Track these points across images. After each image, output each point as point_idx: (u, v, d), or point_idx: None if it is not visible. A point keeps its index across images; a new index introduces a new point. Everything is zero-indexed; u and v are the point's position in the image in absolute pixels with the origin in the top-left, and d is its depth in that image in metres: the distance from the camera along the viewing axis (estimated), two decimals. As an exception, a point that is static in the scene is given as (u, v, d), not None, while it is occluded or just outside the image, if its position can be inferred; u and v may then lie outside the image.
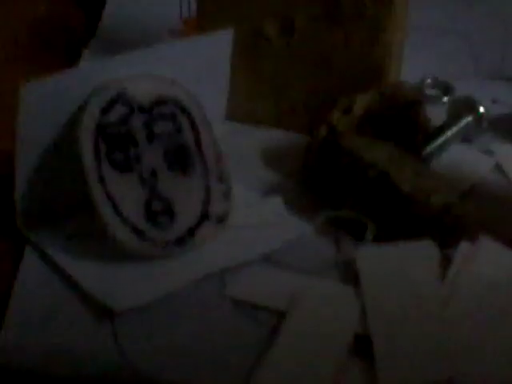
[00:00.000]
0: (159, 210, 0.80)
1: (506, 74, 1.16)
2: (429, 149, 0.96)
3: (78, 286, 0.77)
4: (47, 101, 0.81)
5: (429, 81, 1.12)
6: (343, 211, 0.85)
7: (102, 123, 0.80)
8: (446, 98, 1.10)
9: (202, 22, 1.01)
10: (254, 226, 0.85)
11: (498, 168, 0.97)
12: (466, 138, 1.01)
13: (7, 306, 0.75)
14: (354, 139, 0.90)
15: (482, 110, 1.01)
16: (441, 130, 0.98)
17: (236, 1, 0.98)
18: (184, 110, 0.84)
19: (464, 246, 0.81)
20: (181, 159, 0.83)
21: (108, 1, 1.30)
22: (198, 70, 0.89)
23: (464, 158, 0.98)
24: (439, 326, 0.75)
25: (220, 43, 0.92)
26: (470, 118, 1.00)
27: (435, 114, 1.01)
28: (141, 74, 0.84)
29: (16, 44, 1.19)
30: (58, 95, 0.82)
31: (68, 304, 0.76)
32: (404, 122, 0.96)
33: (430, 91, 1.11)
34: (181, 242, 0.80)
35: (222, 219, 0.83)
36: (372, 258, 0.81)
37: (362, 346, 0.73)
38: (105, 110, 0.81)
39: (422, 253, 0.81)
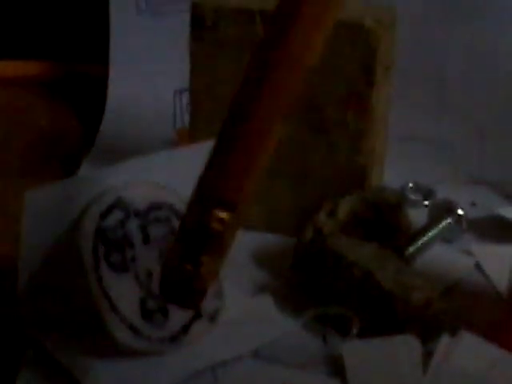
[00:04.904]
0: (154, 309, 0.83)
1: (483, 178, 1.20)
2: (411, 249, 0.99)
3: (76, 381, 0.79)
4: (49, 207, 0.84)
5: (410, 185, 1.17)
6: (329, 308, 0.88)
7: (100, 227, 0.84)
8: (426, 202, 1.14)
9: (194, 132, 1.06)
10: (244, 322, 0.87)
11: (478, 267, 1.01)
12: (446, 239, 1.05)
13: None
14: (339, 240, 0.93)
15: (461, 212, 1.05)
16: (422, 231, 1.02)
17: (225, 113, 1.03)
18: (178, 215, 0.88)
19: (445, 341, 0.84)
20: (175, 260, 0.86)
21: (105, 114, 1.35)
22: (190, 177, 0.92)
23: (444, 258, 1.02)
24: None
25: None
26: (449, 220, 1.04)
27: (417, 216, 1.05)
28: (137, 181, 0.88)
29: (17, 156, 1.23)
30: (58, 202, 0.85)
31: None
32: (387, 224, 1.00)
33: (411, 195, 1.15)
34: (175, 338, 0.83)
35: (213, 317, 0.86)
36: (357, 352, 0.83)
37: None
38: (103, 215, 0.84)
39: (404, 347, 0.83)
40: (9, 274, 0.87)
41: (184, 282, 0.73)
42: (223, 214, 0.70)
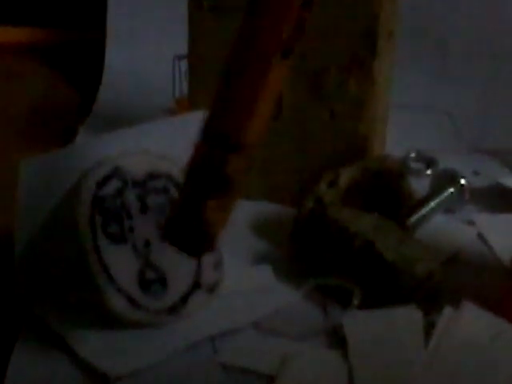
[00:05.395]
0: (152, 279, 0.82)
1: (486, 147, 1.19)
2: (413, 219, 0.98)
3: (74, 353, 0.78)
4: (45, 176, 0.84)
5: (413, 154, 1.16)
6: (330, 279, 0.88)
7: (97, 197, 0.83)
8: (429, 171, 1.13)
9: (192, 101, 1.05)
10: (244, 293, 0.87)
11: (480, 237, 1.00)
12: (448, 208, 1.04)
13: (5, 374, 0.76)
14: (340, 210, 0.92)
15: (463, 182, 1.04)
16: (424, 201, 1.01)
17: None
18: (176, 184, 0.87)
19: (447, 312, 0.83)
20: (173, 230, 0.85)
21: (103, 82, 1.34)
22: (188, 145, 0.92)
23: (447, 228, 1.01)
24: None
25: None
26: (452, 190, 1.04)
27: (419, 186, 1.04)
28: (135, 150, 0.87)
29: (14, 124, 1.22)
30: (55, 171, 0.84)
31: (65, 370, 0.77)
32: (388, 193, 0.99)
33: (413, 164, 1.15)
34: (173, 310, 0.82)
35: (213, 288, 0.85)
36: (359, 323, 0.83)
37: (350, 409, 0.75)
38: (100, 185, 0.83)
39: (406, 318, 0.83)
40: (5, 244, 0.86)
41: (190, 226, 0.68)
42: (231, 156, 0.67)
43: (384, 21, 0.98)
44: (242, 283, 0.88)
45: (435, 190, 1.04)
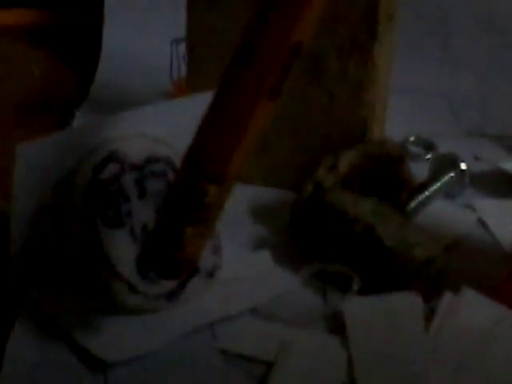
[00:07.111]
0: (150, 265, 0.82)
1: (487, 131, 1.19)
2: (412, 204, 0.98)
3: (71, 339, 0.78)
4: (42, 161, 0.83)
5: (412, 138, 1.15)
6: (329, 264, 0.87)
7: (95, 181, 0.82)
8: (428, 155, 1.12)
9: (190, 84, 1.04)
10: (243, 279, 0.86)
11: (480, 222, 1.00)
12: (448, 193, 1.03)
13: (2, 361, 0.76)
14: (340, 195, 0.92)
15: (463, 166, 1.03)
16: (424, 186, 1.01)
17: (223, 64, 1.00)
18: (174, 168, 0.86)
19: (447, 298, 0.83)
20: (171, 215, 0.85)
21: (100, 64, 1.33)
22: (186, 129, 0.91)
23: (446, 213, 1.00)
24: (424, 376, 0.76)
25: (208, 104, 0.94)
26: (452, 175, 1.03)
27: (418, 170, 1.03)
28: (132, 133, 0.86)
29: (11, 108, 1.22)
30: (52, 155, 0.83)
31: (61, 356, 0.77)
32: (388, 178, 0.98)
33: (413, 148, 1.14)
34: (172, 295, 0.82)
35: (211, 273, 0.85)
36: (358, 309, 0.82)
37: (349, 396, 0.74)
38: (98, 169, 0.83)
39: (406, 304, 0.82)
40: (1, 230, 0.86)
41: (166, 252, 0.71)
42: (211, 187, 0.69)
43: (384, 4, 0.97)
44: (241, 269, 0.88)
45: (435, 174, 1.03)
